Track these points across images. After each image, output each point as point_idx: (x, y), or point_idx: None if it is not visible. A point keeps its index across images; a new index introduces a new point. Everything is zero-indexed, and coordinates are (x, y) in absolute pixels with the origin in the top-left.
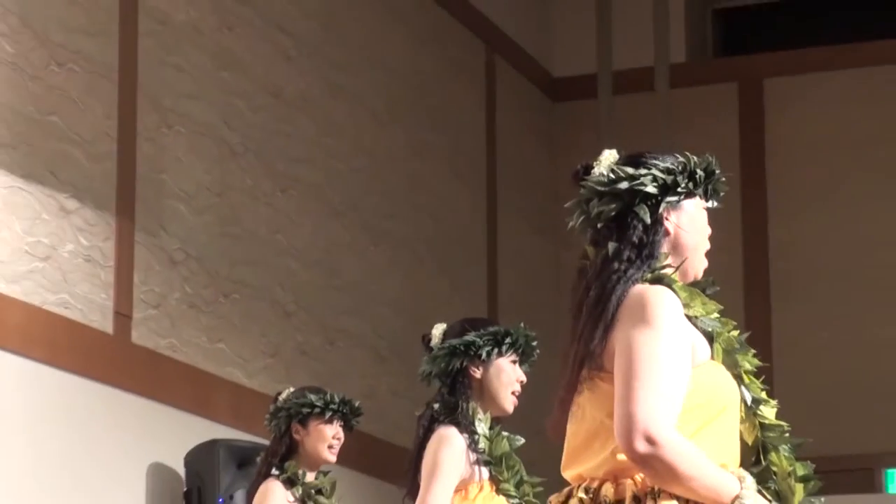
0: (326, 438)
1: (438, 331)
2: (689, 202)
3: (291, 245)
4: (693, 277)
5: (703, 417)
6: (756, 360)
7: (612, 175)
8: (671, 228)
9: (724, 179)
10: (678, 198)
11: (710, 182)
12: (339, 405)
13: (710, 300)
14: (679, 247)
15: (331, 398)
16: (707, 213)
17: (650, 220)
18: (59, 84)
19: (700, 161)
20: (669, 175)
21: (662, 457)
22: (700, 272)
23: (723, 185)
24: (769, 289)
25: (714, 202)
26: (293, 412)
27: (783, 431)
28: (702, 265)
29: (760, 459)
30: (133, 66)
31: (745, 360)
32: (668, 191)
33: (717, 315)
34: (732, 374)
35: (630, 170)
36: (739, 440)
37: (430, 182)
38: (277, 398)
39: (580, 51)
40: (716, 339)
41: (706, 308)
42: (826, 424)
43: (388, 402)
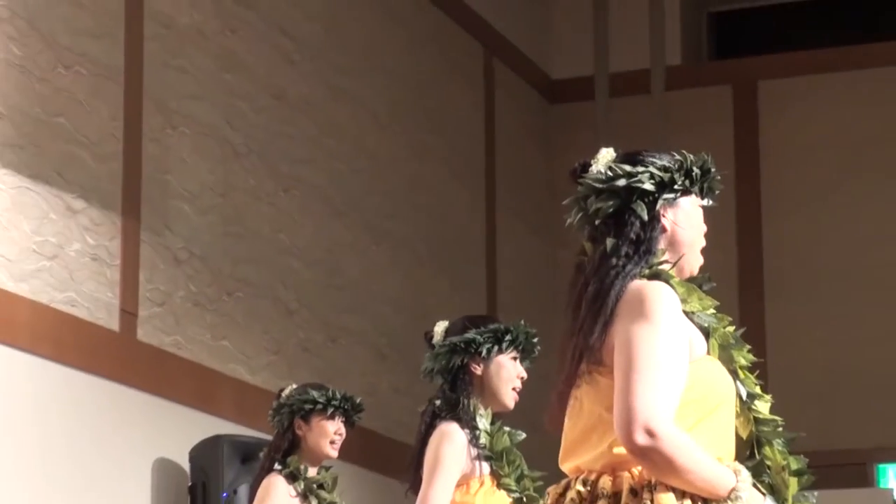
0: (328, 434)
1: (440, 328)
2: (686, 200)
3: (294, 244)
4: (689, 273)
5: (700, 412)
6: (751, 356)
7: (610, 172)
8: (668, 225)
9: (720, 178)
10: (675, 195)
11: (706, 180)
12: (341, 401)
13: (707, 296)
14: (676, 243)
15: (333, 394)
16: (702, 211)
17: (647, 217)
18: (66, 86)
19: (696, 159)
20: (666, 173)
21: (661, 449)
22: (696, 268)
23: (718, 184)
24: (763, 287)
25: (709, 200)
26: (296, 408)
27: (777, 426)
28: (697, 262)
29: (755, 453)
30: (138, 69)
31: (741, 356)
32: (665, 188)
33: (714, 311)
34: (728, 370)
35: (628, 167)
36: (734, 434)
37: (430, 182)
38: (280, 394)
39: (577, 53)
40: (712, 335)
41: (703, 304)
42: (819, 420)
43: (389, 399)
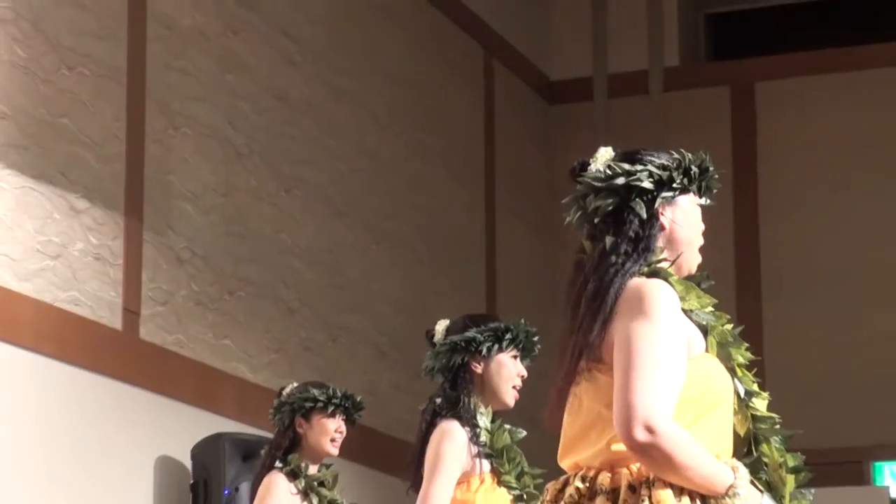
0: (329, 432)
1: (441, 326)
2: (684, 198)
3: (295, 244)
4: (687, 272)
5: (698, 409)
6: (748, 354)
7: (609, 171)
8: (666, 223)
9: (717, 176)
10: (673, 193)
11: (704, 179)
12: (342, 399)
13: (705, 294)
14: (674, 241)
15: (333, 393)
16: (700, 210)
17: (646, 215)
18: (70, 87)
19: (694, 158)
20: (665, 171)
21: (661, 446)
22: (694, 266)
23: (716, 182)
24: (760, 287)
25: (707, 199)
26: (297, 406)
27: (774, 423)
28: (695, 260)
29: (752, 450)
30: (141, 70)
31: (738, 354)
32: (664, 186)
33: (712, 309)
34: (726, 367)
35: (627, 166)
36: (732, 431)
37: (430, 183)
38: (281, 393)
39: (576, 54)
40: (710, 332)
41: (701, 302)
42: (815, 419)
43: (389, 397)
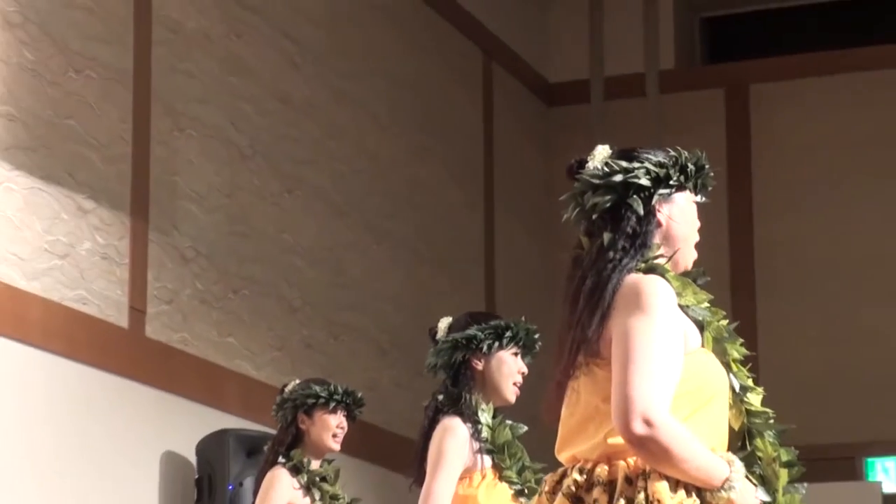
0: (331, 428)
1: (444, 324)
2: (680, 195)
3: (297, 243)
4: (683, 268)
5: (695, 403)
6: (743, 349)
7: (607, 168)
8: (663, 220)
9: (713, 174)
10: (670, 190)
11: (700, 176)
12: (343, 396)
13: (701, 290)
14: (670, 238)
15: (335, 389)
16: (696, 207)
17: (643, 212)
18: (77, 90)
19: (690, 156)
20: (662, 168)
21: (658, 439)
22: (690, 263)
23: (711, 180)
24: (755, 287)
25: (703, 196)
26: (299, 403)
27: (768, 418)
28: (691, 256)
29: (746, 445)
30: (147, 73)
31: (734, 349)
32: (661, 183)
33: (708, 305)
34: (721, 362)
35: (624, 163)
36: (727, 426)
37: (430, 184)
38: (284, 390)
39: (574, 57)
40: (706, 328)
41: (697, 297)
42: (808, 415)
43: (390, 394)
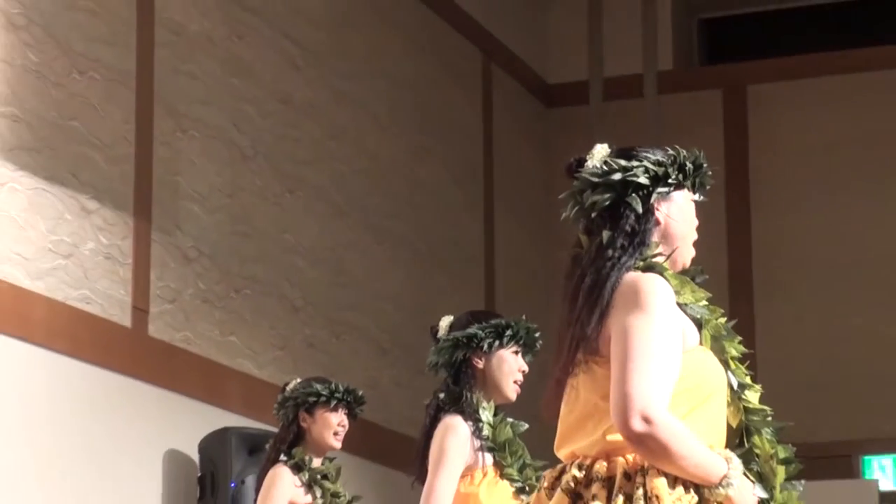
0: (332, 426)
1: (445, 323)
2: (678, 194)
3: (299, 243)
4: (682, 266)
5: (693, 400)
6: (741, 347)
7: (606, 167)
8: (662, 218)
9: (711, 173)
10: (669, 189)
11: (698, 175)
12: (344, 394)
13: (699, 288)
14: (669, 236)
15: (336, 387)
16: (694, 206)
17: (642, 210)
18: (80, 91)
19: (688, 155)
20: (660, 167)
21: (657, 436)
22: (688, 260)
23: (709, 179)
24: (752, 286)
25: (701, 195)
26: (300, 401)
27: (766, 415)
28: (690, 254)
29: (744, 442)
30: (149, 74)
31: (732, 347)
32: (660, 182)
33: (706, 303)
34: (719, 360)
35: (623, 162)
36: (725, 423)
37: (430, 184)
38: (285, 388)
39: (573, 58)
40: (704, 326)
41: (695, 296)
42: (806, 414)
43: (391, 392)
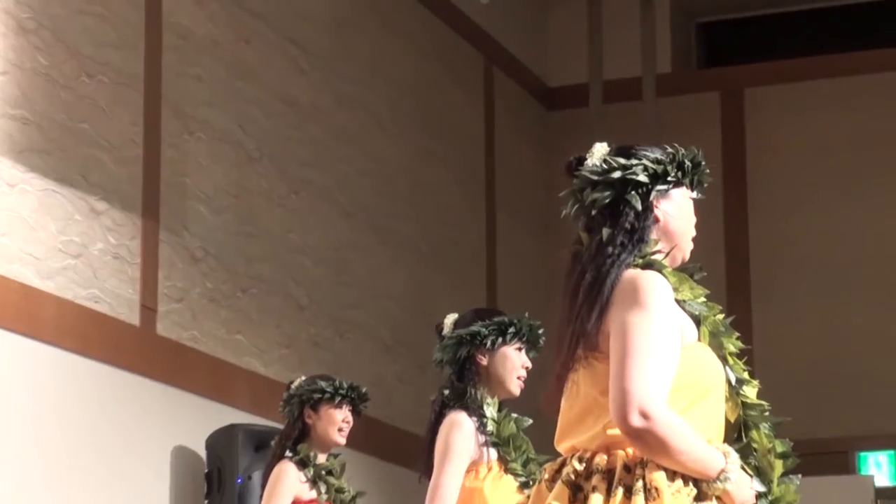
0: (336, 422)
1: (450, 320)
2: (677, 191)
3: (304, 243)
4: (681, 261)
5: (691, 396)
6: (739, 343)
7: (606, 165)
8: (661, 216)
9: (709, 171)
10: (667, 186)
11: (697, 172)
12: (348, 390)
13: (698, 285)
14: (668, 233)
15: (340, 384)
16: (692, 203)
17: (641, 208)
18: (89, 94)
19: (687, 153)
20: (659, 165)
21: (655, 431)
22: (687, 255)
23: (707, 176)
24: (749, 287)
25: (699, 193)
26: (305, 398)
27: (764, 410)
28: (688, 249)
29: (742, 436)
30: (157, 77)
31: (730, 343)
32: (658, 180)
33: (704, 299)
34: (717, 356)
35: (622, 160)
36: (724, 418)
37: (433, 185)
38: (290, 386)
39: (573, 62)
40: (702, 322)
41: (694, 292)
42: (803, 411)
43: (394, 389)
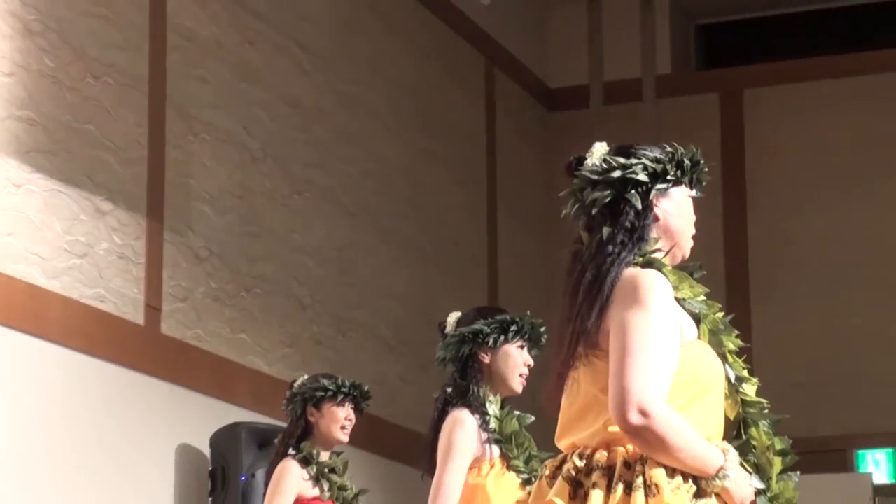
0: (339, 420)
1: (452, 318)
2: (676, 190)
3: (307, 243)
4: (681, 259)
5: (691, 394)
6: (739, 341)
7: (605, 164)
8: (660, 214)
9: (707, 169)
10: (667, 185)
11: (696, 171)
12: (350, 388)
13: (698, 284)
14: (668, 231)
15: (342, 382)
16: (692, 202)
17: (641, 206)
18: (95, 95)
19: (686, 151)
20: (659, 164)
21: (654, 428)
22: (687, 253)
23: (706, 175)
24: (749, 287)
25: (698, 191)
26: (308, 396)
27: (763, 408)
28: (688, 248)
29: (741, 434)
30: (162, 79)
31: (729, 341)
32: (658, 178)
33: (704, 298)
34: (717, 354)
35: (622, 159)
36: (723, 415)
37: (435, 186)
38: (293, 384)
39: (574, 63)
40: (702, 320)
41: (693, 291)
42: (802, 410)
43: (397, 388)
